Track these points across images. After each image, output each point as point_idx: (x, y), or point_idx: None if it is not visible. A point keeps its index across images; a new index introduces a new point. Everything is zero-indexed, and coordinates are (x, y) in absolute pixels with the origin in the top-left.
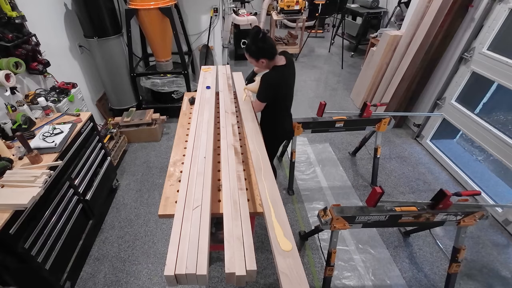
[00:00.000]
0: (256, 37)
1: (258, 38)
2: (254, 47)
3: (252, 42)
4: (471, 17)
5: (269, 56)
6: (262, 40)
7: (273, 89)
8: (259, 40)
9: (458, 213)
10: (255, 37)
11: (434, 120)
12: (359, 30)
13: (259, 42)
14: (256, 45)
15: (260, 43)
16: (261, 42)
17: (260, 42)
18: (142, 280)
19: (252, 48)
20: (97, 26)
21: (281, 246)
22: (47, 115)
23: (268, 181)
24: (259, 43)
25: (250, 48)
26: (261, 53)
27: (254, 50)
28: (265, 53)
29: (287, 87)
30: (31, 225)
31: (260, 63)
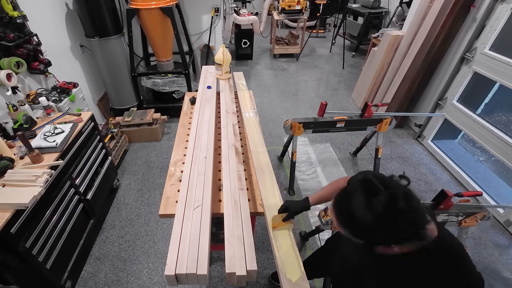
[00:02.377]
0: (394, 204)
1: (395, 208)
2: (373, 222)
3: (373, 220)
4: (473, 17)
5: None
6: (404, 214)
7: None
8: (396, 214)
9: (460, 213)
10: (392, 205)
11: (436, 121)
12: (361, 30)
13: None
14: (381, 221)
15: (401, 220)
16: (401, 220)
17: (400, 219)
18: (142, 280)
19: (366, 222)
20: (98, 26)
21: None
22: (48, 114)
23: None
24: (400, 219)
25: (359, 220)
26: (386, 238)
27: (369, 227)
28: (393, 238)
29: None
30: (32, 224)
31: (389, 249)
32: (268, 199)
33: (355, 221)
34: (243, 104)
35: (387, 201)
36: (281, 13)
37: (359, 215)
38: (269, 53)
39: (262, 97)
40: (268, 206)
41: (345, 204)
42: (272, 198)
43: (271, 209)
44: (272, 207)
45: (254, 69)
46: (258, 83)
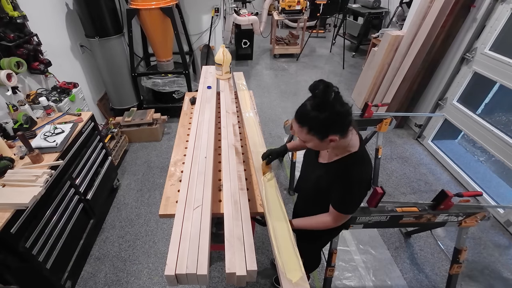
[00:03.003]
0: (327, 95)
1: (330, 99)
2: (323, 115)
3: (318, 106)
4: (473, 17)
5: (343, 129)
6: (338, 101)
7: (366, 191)
8: (332, 103)
9: (460, 214)
10: (325, 96)
11: (436, 121)
12: (361, 30)
13: (333, 107)
14: (328, 111)
15: (338, 107)
16: (338, 106)
17: (337, 106)
18: (142, 280)
19: (320, 117)
20: (99, 26)
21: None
22: (48, 114)
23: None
24: (337, 107)
25: (313, 117)
26: (335, 125)
27: (323, 120)
28: (340, 125)
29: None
30: (32, 224)
31: (325, 143)
32: (268, 198)
33: (308, 116)
34: (243, 104)
35: (324, 87)
36: (281, 13)
37: (310, 108)
38: (269, 53)
39: (262, 97)
40: (268, 206)
41: (300, 109)
42: (272, 197)
43: (273, 211)
44: (273, 208)
45: (254, 69)
46: (258, 83)
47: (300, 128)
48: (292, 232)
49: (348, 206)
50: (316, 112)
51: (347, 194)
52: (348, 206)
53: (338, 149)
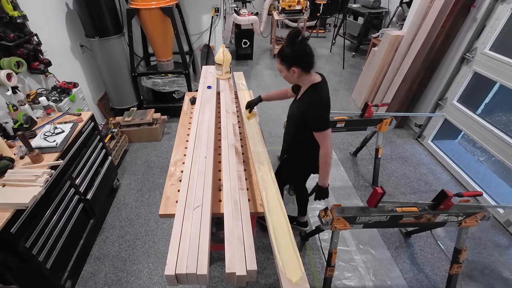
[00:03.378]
0: (294, 39)
1: (296, 41)
2: (289, 50)
3: (288, 44)
4: (473, 17)
5: (304, 66)
6: (301, 44)
7: (328, 109)
8: (297, 43)
9: (460, 214)
10: (293, 39)
11: (436, 121)
12: (361, 30)
13: (296, 45)
14: (293, 48)
15: (298, 46)
16: (299, 46)
17: (298, 46)
18: (142, 280)
19: (287, 51)
20: (99, 26)
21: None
22: (48, 114)
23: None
24: (297, 46)
25: (284, 51)
26: (297, 59)
27: (288, 53)
28: (300, 60)
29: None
30: (32, 224)
31: (291, 73)
32: (268, 198)
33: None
34: (243, 104)
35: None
36: (281, 13)
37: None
38: (269, 53)
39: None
40: (268, 205)
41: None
42: (272, 197)
43: (273, 210)
44: (273, 207)
45: (254, 69)
46: (258, 83)
47: (277, 59)
48: (292, 232)
49: (322, 123)
50: (286, 47)
51: (318, 113)
52: (322, 123)
53: (304, 84)
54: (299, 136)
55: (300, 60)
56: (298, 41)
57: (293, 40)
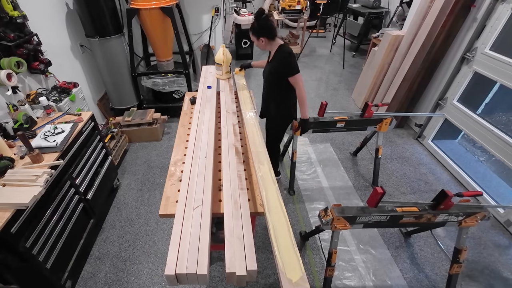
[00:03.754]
0: (259, 16)
1: (261, 18)
2: (256, 24)
3: (255, 20)
4: (473, 17)
5: (268, 35)
6: (264, 20)
7: (295, 58)
8: (261, 19)
9: (460, 213)
10: (258, 16)
11: (436, 121)
12: (361, 30)
13: (260, 21)
14: (258, 23)
15: (262, 21)
16: (262, 21)
17: (262, 21)
18: (142, 280)
19: (254, 25)
20: (99, 26)
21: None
22: (48, 114)
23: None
24: (261, 21)
25: (253, 25)
26: (262, 31)
27: (255, 27)
28: (265, 32)
29: None
30: (32, 224)
31: (260, 42)
32: (268, 198)
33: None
34: (243, 104)
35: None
36: (281, 13)
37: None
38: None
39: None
40: (268, 205)
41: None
42: (272, 196)
43: (273, 210)
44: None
45: (254, 69)
46: (259, 82)
47: (251, 32)
48: (292, 232)
49: (294, 68)
50: (254, 23)
51: (288, 62)
52: (294, 68)
53: (272, 49)
54: (276, 88)
55: (265, 31)
56: (262, 18)
57: (259, 17)
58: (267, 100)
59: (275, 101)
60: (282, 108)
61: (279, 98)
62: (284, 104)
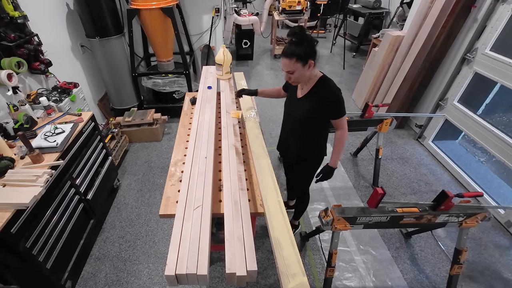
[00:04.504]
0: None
1: (307, 36)
2: (302, 46)
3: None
4: (474, 18)
5: (315, 56)
6: (311, 38)
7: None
8: (308, 38)
9: (460, 214)
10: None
11: (436, 121)
12: (361, 31)
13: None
14: (306, 43)
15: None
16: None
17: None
18: (143, 280)
19: (300, 48)
20: (99, 26)
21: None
22: (48, 114)
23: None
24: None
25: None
26: (311, 53)
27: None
28: (313, 53)
29: None
30: (32, 224)
31: (305, 69)
32: (268, 199)
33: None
34: (243, 104)
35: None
36: (281, 13)
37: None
38: (270, 54)
39: (262, 98)
40: (268, 207)
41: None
42: (273, 198)
43: (273, 210)
44: (273, 207)
45: (254, 69)
46: (259, 83)
47: (289, 60)
48: (292, 232)
49: (342, 109)
50: (297, 46)
51: (336, 102)
52: (342, 109)
53: (309, 81)
54: (312, 129)
55: (313, 53)
56: (308, 36)
57: (303, 36)
58: (294, 139)
59: (308, 141)
60: (317, 147)
61: (313, 138)
62: (319, 142)
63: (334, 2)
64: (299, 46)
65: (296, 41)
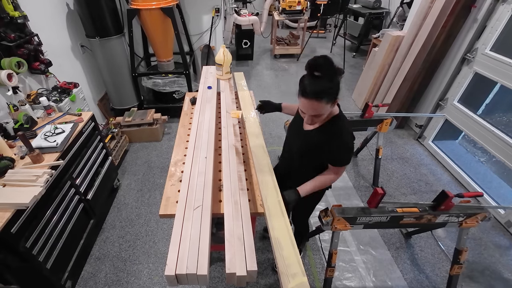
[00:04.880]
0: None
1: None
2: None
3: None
4: (474, 18)
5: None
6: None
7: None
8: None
9: (460, 214)
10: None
11: (436, 121)
12: (361, 31)
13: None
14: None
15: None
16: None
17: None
18: (143, 280)
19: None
20: (99, 26)
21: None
22: (48, 114)
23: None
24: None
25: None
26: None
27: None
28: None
29: None
30: (32, 224)
31: (328, 107)
32: (268, 199)
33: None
34: (243, 105)
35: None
36: (281, 13)
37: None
38: (270, 54)
39: (262, 98)
40: (268, 207)
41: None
42: (273, 198)
43: (273, 210)
44: (273, 207)
45: (254, 69)
46: (259, 83)
47: (317, 103)
48: (292, 232)
49: (345, 158)
50: (330, 82)
51: (342, 148)
52: (345, 158)
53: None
54: (315, 169)
55: (339, 90)
56: (338, 69)
57: (333, 70)
58: (292, 171)
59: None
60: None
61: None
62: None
63: (334, 2)
64: (329, 83)
65: (326, 78)
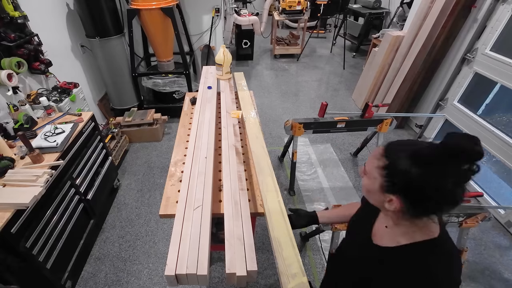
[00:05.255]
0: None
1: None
2: (417, 171)
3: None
4: (474, 18)
5: (417, 207)
6: (456, 182)
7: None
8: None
9: (460, 214)
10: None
11: (436, 121)
12: (361, 31)
13: (431, 169)
14: (429, 175)
15: (433, 171)
16: (451, 184)
17: (434, 171)
18: (143, 280)
19: (404, 166)
20: (99, 26)
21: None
22: (49, 114)
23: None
24: (432, 170)
25: (401, 162)
26: (414, 193)
27: (407, 173)
28: (420, 198)
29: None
30: (32, 224)
31: (381, 200)
32: (268, 199)
33: (400, 154)
34: (243, 105)
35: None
36: (281, 13)
37: (415, 151)
38: (270, 54)
39: (262, 98)
40: (268, 207)
41: (411, 148)
42: (273, 198)
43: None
44: (273, 207)
45: (254, 69)
46: (259, 83)
47: (379, 157)
48: (292, 232)
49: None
50: (405, 159)
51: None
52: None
53: (407, 227)
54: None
55: (421, 200)
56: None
57: (442, 159)
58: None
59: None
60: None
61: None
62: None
63: (334, 2)
64: (414, 164)
65: (421, 152)
